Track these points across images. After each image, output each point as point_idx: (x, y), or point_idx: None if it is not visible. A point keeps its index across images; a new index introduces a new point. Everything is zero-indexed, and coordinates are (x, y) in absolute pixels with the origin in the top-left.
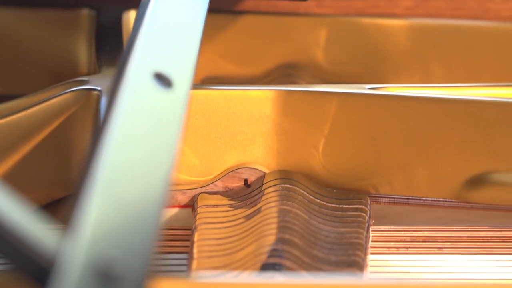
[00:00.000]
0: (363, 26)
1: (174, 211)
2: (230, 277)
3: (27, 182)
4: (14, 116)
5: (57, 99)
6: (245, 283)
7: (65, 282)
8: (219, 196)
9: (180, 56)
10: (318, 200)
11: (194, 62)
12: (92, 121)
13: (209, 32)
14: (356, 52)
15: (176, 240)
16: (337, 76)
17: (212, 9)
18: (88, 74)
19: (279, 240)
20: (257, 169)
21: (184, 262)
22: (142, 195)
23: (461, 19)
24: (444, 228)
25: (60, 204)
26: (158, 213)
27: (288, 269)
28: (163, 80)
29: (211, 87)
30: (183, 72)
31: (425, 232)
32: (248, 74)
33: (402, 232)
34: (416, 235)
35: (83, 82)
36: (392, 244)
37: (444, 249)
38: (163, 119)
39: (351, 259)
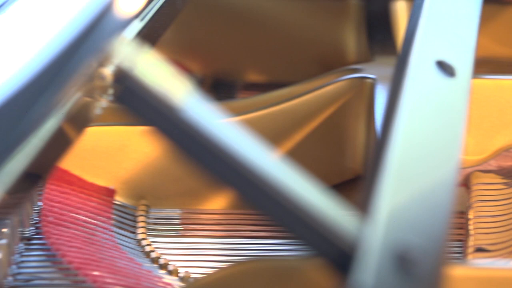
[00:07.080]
0: None
1: None
2: None
3: (302, 168)
4: (289, 103)
5: (331, 87)
6: None
7: (365, 267)
8: (492, 175)
9: (460, 44)
10: None
11: (473, 50)
12: (365, 109)
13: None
14: None
15: None
16: None
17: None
18: (357, 63)
19: None
20: None
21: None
22: (433, 181)
23: None
24: None
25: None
26: (449, 198)
27: None
28: (446, 68)
29: (483, 77)
30: (465, 60)
31: None
32: None
33: None
34: None
35: (356, 70)
36: None
37: None
38: (448, 107)
39: None
